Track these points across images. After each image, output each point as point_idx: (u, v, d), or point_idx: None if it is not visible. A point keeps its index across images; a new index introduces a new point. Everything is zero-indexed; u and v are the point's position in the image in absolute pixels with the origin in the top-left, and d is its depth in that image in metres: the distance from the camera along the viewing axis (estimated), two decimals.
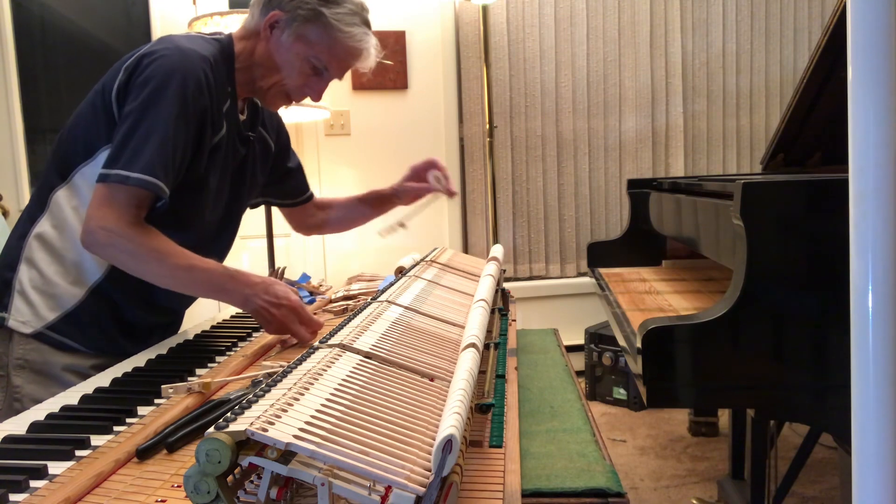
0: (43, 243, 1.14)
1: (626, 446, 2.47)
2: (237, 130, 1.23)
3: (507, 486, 0.61)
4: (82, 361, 1.14)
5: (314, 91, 1.22)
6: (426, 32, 3.07)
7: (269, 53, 1.18)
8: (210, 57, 1.12)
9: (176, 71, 1.06)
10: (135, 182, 1.02)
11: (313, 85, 1.21)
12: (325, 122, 2.98)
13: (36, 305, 1.13)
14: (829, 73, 1.55)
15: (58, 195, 1.14)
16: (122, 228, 1.03)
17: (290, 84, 1.20)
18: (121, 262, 1.07)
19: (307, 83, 1.20)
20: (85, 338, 1.15)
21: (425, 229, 3.15)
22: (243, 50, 1.20)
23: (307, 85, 1.20)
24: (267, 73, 1.19)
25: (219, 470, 0.47)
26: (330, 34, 1.15)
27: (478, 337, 0.78)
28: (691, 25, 3.31)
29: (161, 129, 1.04)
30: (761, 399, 1.01)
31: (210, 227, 1.25)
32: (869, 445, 0.53)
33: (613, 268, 1.88)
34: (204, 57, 1.11)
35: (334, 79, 1.23)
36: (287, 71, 1.18)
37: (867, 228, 0.52)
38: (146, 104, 1.05)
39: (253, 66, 1.19)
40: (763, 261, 0.96)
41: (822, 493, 2.05)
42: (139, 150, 1.03)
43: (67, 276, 1.14)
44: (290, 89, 1.21)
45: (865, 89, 0.52)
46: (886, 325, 0.52)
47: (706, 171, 3.39)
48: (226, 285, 1.09)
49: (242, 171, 1.29)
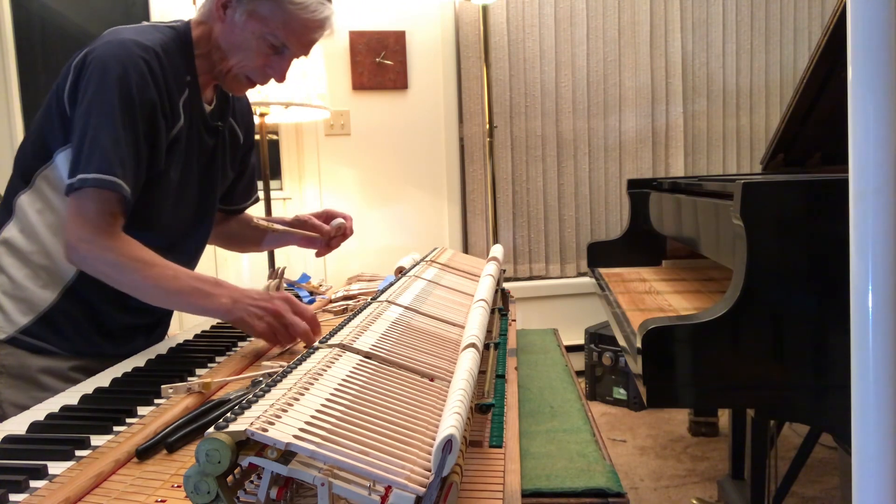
0: (10, 248, 1.12)
1: (626, 446, 2.47)
2: (203, 121, 1.19)
3: (507, 486, 0.61)
4: (60, 364, 1.12)
5: (276, 71, 1.16)
6: (426, 32, 3.07)
7: (225, 35, 1.13)
8: (157, 47, 1.08)
9: (115, 66, 1.02)
10: (93, 183, 1.00)
11: (274, 64, 1.16)
12: (325, 122, 2.98)
13: (8, 311, 1.12)
14: (829, 73, 1.54)
15: (21, 200, 1.12)
16: (100, 238, 1.01)
17: (249, 66, 1.15)
18: (105, 274, 1.05)
19: (268, 63, 1.15)
20: (61, 340, 1.13)
21: (425, 229, 3.16)
22: (201, 35, 1.15)
23: (268, 65, 1.15)
24: (225, 57, 1.15)
25: (219, 470, 0.47)
26: (283, 8, 1.10)
27: (478, 337, 0.78)
28: (691, 25, 3.31)
29: (109, 127, 1.01)
30: (761, 399, 1.01)
31: (178, 227, 1.21)
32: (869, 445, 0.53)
33: (613, 268, 1.88)
34: (147, 47, 1.06)
35: (299, 56, 1.17)
36: (245, 52, 1.13)
37: (867, 228, 0.52)
38: (90, 106, 1.02)
39: (212, 50, 1.15)
40: (763, 261, 0.96)
41: (822, 493, 2.05)
42: (92, 153, 1.01)
43: (38, 279, 1.12)
44: (250, 71, 1.16)
45: (865, 89, 0.51)
46: (886, 325, 0.52)
47: (706, 171, 3.40)
48: (213, 293, 1.05)
49: (212, 164, 1.24)
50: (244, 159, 1.39)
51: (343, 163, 3.06)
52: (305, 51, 1.17)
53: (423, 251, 1.54)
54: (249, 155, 1.41)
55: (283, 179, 3.05)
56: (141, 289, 1.06)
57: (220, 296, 1.04)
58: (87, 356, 1.14)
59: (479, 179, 3.19)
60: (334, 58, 2.96)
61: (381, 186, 3.11)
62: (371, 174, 3.09)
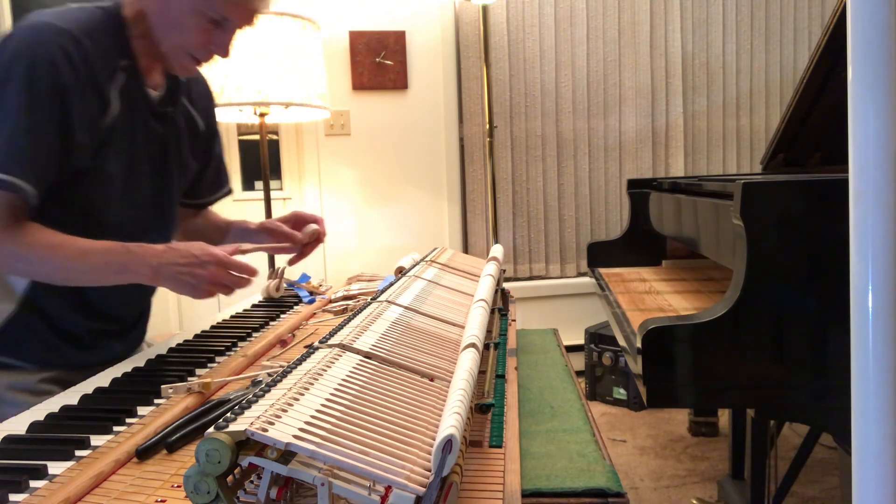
0: None
1: (626, 446, 2.47)
2: (148, 108, 1.11)
3: (507, 486, 0.61)
4: (27, 377, 1.08)
5: (219, 46, 1.07)
6: (426, 32, 3.07)
7: (159, 14, 1.05)
8: (76, 29, 0.99)
9: (22, 54, 0.95)
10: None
11: (217, 40, 1.06)
12: (325, 122, 2.98)
13: None
14: (829, 73, 1.54)
15: None
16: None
17: (190, 44, 1.06)
18: (15, 268, 1.01)
19: (209, 39, 1.06)
20: (24, 353, 1.08)
21: (425, 229, 3.16)
22: (136, 15, 1.06)
23: (210, 41, 1.06)
24: (164, 36, 1.06)
25: (219, 470, 0.47)
26: None
27: (478, 337, 0.78)
28: (691, 25, 3.31)
29: (9, 121, 0.94)
30: (761, 399, 1.01)
31: (132, 225, 1.13)
32: (869, 445, 0.53)
33: (613, 268, 1.88)
34: (63, 30, 0.97)
35: (243, 27, 1.08)
36: (183, 29, 1.04)
37: (867, 228, 0.52)
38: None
39: (149, 30, 1.06)
40: (763, 261, 0.96)
41: (822, 493, 2.05)
42: None
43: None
44: (192, 49, 1.07)
45: (865, 89, 0.51)
46: (886, 325, 0.52)
47: (706, 171, 3.40)
48: (128, 264, 0.98)
49: (164, 154, 1.16)
50: (207, 148, 1.30)
51: (343, 163, 3.06)
52: (249, 20, 1.08)
53: (423, 251, 1.54)
54: (213, 143, 1.32)
55: (283, 179, 3.05)
56: (54, 275, 1.01)
57: (137, 267, 0.98)
58: (57, 367, 1.09)
59: (479, 179, 3.19)
60: (334, 58, 2.96)
61: (381, 186, 3.11)
62: (371, 174, 3.09)
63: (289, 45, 2.33)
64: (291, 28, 2.35)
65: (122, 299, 1.16)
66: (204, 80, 1.29)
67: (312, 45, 2.44)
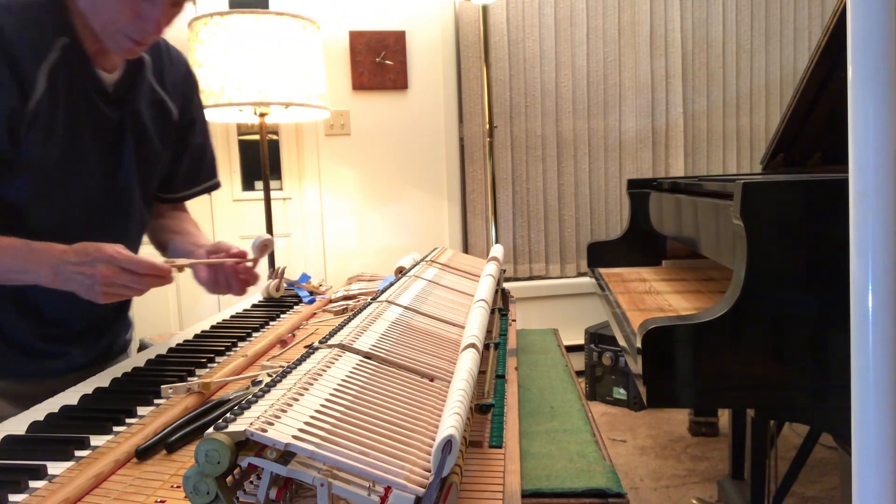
0: None
1: (626, 446, 2.47)
2: (96, 91, 1.02)
3: (507, 487, 0.61)
4: None
5: (150, 21, 0.97)
6: (426, 32, 3.07)
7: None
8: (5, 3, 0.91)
9: None
10: None
11: (146, 14, 0.96)
12: (325, 122, 2.98)
13: None
14: (829, 73, 1.54)
15: None
16: None
17: (118, 20, 0.96)
18: None
19: (137, 14, 0.96)
20: None
21: (425, 229, 3.16)
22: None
23: (139, 17, 0.96)
24: (93, 14, 0.97)
25: (218, 470, 0.47)
26: None
27: (478, 337, 0.78)
28: (691, 25, 3.31)
29: None
30: (761, 399, 1.01)
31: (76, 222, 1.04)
32: (869, 445, 0.53)
33: (613, 268, 1.88)
34: None
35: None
36: (107, 5, 0.95)
37: (867, 228, 0.52)
38: None
39: None
40: (763, 261, 0.96)
41: (822, 493, 2.05)
42: None
43: None
44: (122, 26, 0.96)
45: (865, 89, 0.51)
46: (886, 325, 0.51)
47: (706, 171, 3.40)
48: (28, 264, 0.91)
49: (118, 143, 1.06)
50: (184, 137, 1.19)
51: (343, 163, 3.06)
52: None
53: (423, 251, 1.54)
54: (191, 132, 1.21)
55: (283, 179, 3.05)
56: None
57: (36, 268, 0.91)
58: (10, 377, 1.04)
59: (479, 179, 3.19)
60: (334, 58, 2.96)
61: (381, 186, 3.11)
62: (371, 174, 3.09)
63: (289, 45, 2.33)
64: (291, 28, 2.35)
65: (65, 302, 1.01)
66: (184, 63, 1.20)
67: (312, 45, 2.44)
